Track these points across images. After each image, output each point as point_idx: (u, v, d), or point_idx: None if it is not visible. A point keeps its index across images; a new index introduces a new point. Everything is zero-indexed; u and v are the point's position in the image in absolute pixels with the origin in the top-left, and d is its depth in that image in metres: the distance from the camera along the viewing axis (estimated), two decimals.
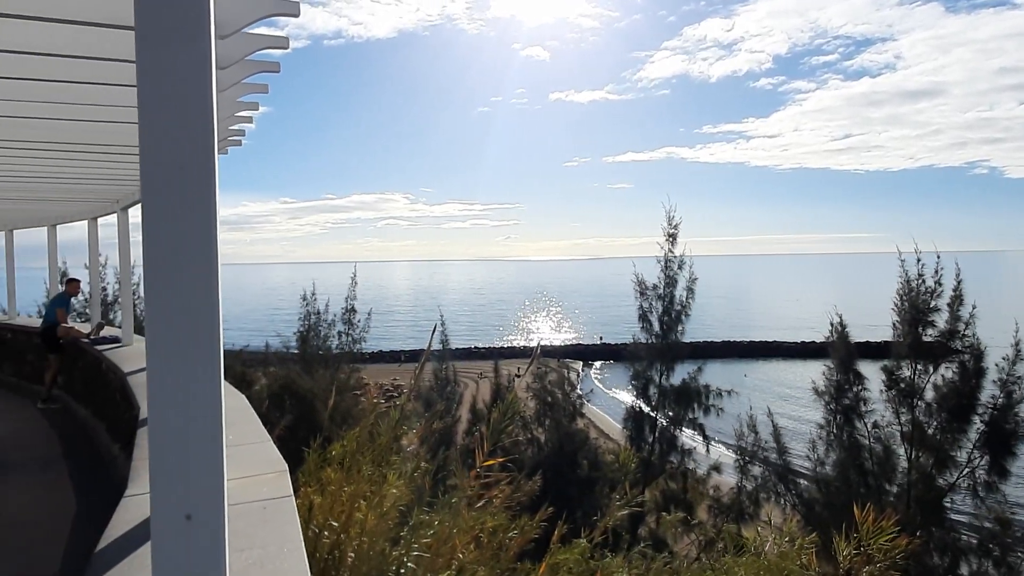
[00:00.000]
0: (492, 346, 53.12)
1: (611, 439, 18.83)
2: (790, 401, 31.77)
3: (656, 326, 13.95)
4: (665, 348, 13.67)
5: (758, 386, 37.92)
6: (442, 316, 15.18)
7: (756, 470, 11.19)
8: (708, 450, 13.06)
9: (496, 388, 14.33)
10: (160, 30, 1.16)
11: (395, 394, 27.47)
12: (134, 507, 2.84)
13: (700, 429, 13.17)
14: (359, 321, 17.03)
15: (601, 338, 59.23)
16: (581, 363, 43.97)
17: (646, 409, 13.47)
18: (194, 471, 1.13)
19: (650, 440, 13.20)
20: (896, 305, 9.98)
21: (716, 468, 12.38)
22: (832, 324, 10.74)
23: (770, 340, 57.61)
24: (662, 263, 14.20)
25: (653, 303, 14.11)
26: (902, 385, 9.66)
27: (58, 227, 11.97)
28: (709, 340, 51.95)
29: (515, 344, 56.74)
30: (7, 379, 11.80)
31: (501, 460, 5.91)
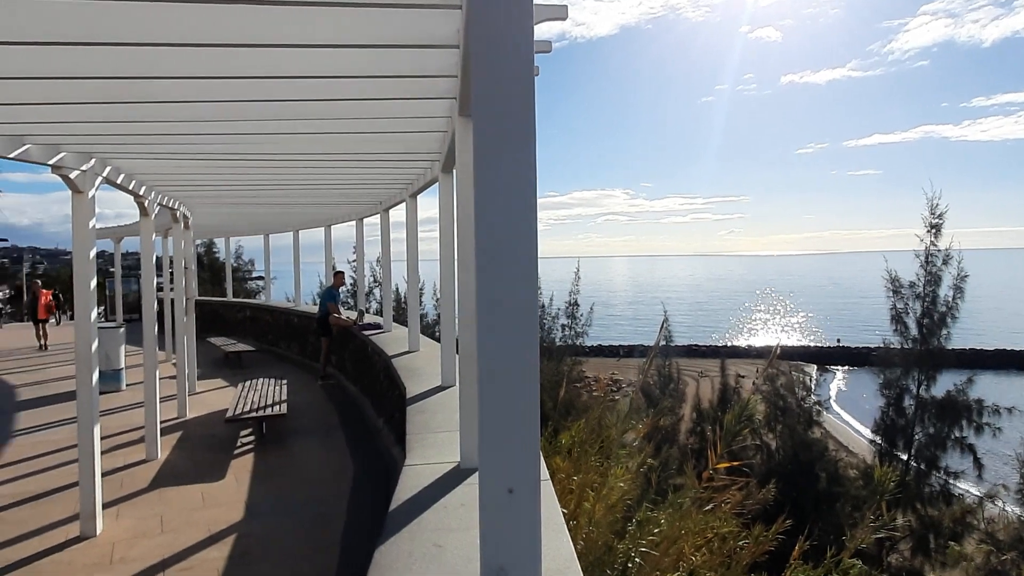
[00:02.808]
0: (713, 344, 50.94)
1: (852, 452, 17.08)
2: None
3: (913, 329, 12.35)
4: (925, 354, 12.04)
5: None
6: (666, 312, 14.92)
7: None
8: (980, 474, 11.25)
9: (723, 388, 13.78)
10: (489, 57, 1.34)
11: (614, 389, 27.60)
12: (414, 475, 3.26)
13: (970, 450, 11.38)
14: (581, 315, 17.46)
15: (839, 340, 53.70)
16: (815, 367, 40.23)
17: (900, 422, 11.99)
18: (515, 450, 1.30)
19: (904, 458, 11.73)
20: None
21: (991, 496, 10.61)
22: None
23: None
24: (921, 257, 12.52)
25: (910, 303, 12.50)
26: None
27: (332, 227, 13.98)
28: (979, 347, 44.47)
29: (739, 343, 53.84)
30: (294, 357, 14.09)
31: (731, 464, 5.70)
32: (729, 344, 52.27)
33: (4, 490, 6.14)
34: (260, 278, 26.06)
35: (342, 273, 12.35)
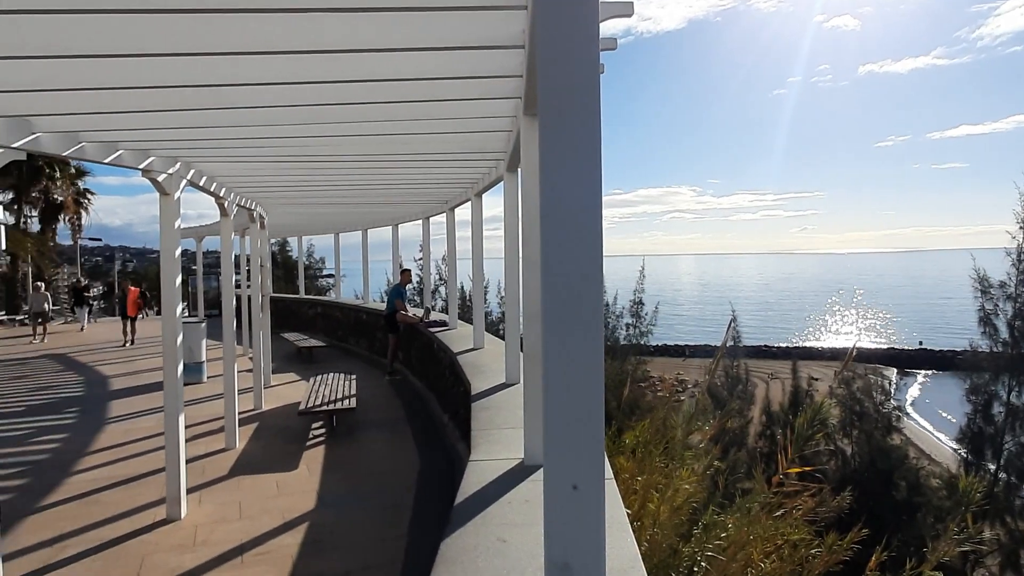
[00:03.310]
0: (785, 345, 49.24)
1: (935, 461, 16.22)
2: None
3: (1004, 331, 11.61)
4: (1016, 359, 11.30)
5: None
6: (734, 312, 14.57)
7: None
8: None
9: (794, 391, 13.32)
10: (554, 57, 1.36)
11: (680, 389, 27.11)
12: (478, 471, 3.31)
13: None
14: (646, 314, 17.21)
15: (921, 343, 50.99)
16: (895, 370, 38.31)
17: (988, 430, 11.30)
18: (580, 446, 1.31)
19: (992, 468, 11.05)
20: None
21: None
22: None
23: None
24: (1013, 255, 11.75)
25: (1000, 304, 11.75)
26: None
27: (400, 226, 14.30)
28: None
29: (812, 345, 51.85)
30: (363, 352, 14.48)
31: (803, 469, 5.52)
32: (801, 345, 50.42)
33: (100, 473, 6.59)
34: (330, 275, 26.90)
35: (409, 271, 12.62)
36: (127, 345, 16.43)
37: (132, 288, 17.87)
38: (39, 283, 20.69)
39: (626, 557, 2.27)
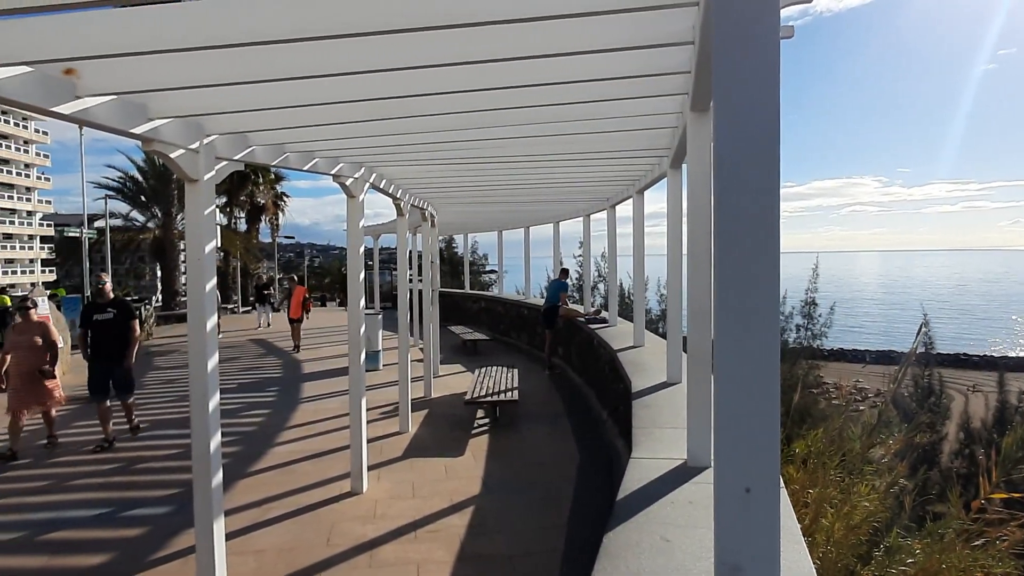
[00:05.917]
0: (988, 354, 43.25)
1: None
2: None
3: None
4: None
5: None
6: (925, 315, 13.12)
7: None
8: None
9: (1000, 406, 11.75)
10: (730, 51, 1.34)
11: (859, 398, 24.88)
12: (640, 468, 3.31)
13: None
14: (819, 315, 16.02)
15: None
16: None
17: None
18: (754, 448, 1.29)
19: None
20: None
21: None
22: None
23: None
24: None
25: None
26: None
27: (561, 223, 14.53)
28: None
29: (1023, 355, 45.04)
30: (523, 347, 14.90)
31: (1011, 496, 4.90)
32: (1010, 355, 43.99)
33: (295, 447, 7.42)
34: (493, 271, 27.90)
35: (567, 270, 12.78)
36: (294, 351, 14.78)
37: (299, 287, 16.29)
38: None
39: (799, 571, 2.18)
